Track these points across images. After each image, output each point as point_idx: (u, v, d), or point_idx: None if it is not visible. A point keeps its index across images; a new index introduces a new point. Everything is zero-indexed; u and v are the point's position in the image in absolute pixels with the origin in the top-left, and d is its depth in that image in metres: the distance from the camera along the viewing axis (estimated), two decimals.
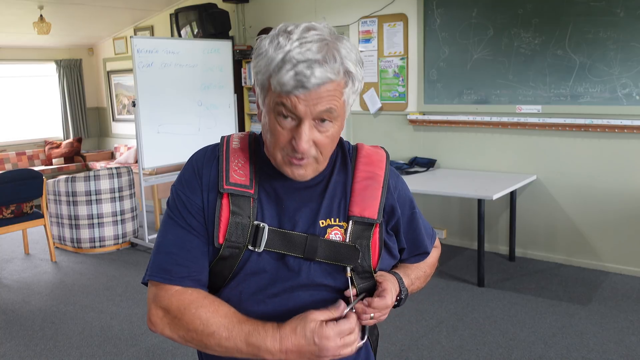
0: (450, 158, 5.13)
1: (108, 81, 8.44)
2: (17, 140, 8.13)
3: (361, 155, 1.21)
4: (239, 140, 1.18)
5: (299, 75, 0.98)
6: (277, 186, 1.13)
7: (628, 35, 4.08)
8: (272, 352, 1.03)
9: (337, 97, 1.03)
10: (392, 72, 5.33)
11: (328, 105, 1.02)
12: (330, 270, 1.13)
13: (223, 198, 1.10)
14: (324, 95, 1.01)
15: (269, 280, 1.11)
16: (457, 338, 3.40)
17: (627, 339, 3.32)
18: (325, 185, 1.16)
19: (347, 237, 1.13)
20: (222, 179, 1.11)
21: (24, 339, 3.58)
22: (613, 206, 4.36)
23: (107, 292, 4.33)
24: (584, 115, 4.35)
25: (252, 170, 1.14)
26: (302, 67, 0.98)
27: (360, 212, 1.14)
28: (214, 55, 5.63)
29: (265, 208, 1.12)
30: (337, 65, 1.01)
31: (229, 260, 1.10)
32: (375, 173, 1.18)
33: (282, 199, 1.13)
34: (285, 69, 0.99)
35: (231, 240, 1.08)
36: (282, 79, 0.99)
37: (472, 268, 4.54)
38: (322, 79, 0.99)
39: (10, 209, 4.86)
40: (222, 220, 1.09)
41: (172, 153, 5.31)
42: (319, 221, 1.13)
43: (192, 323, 1.06)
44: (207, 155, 1.17)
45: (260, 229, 1.09)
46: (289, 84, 0.99)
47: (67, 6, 6.48)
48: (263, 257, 1.11)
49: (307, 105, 1.01)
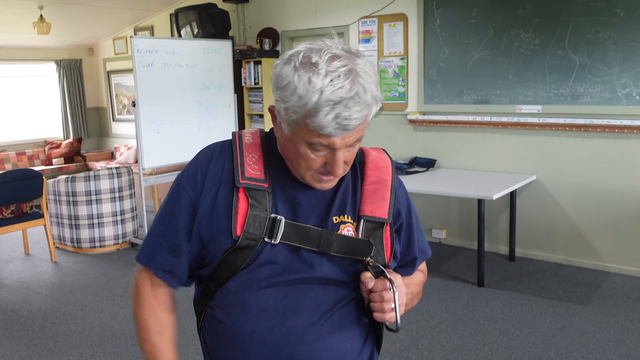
0: (450, 158, 5.13)
1: (108, 81, 8.44)
2: (17, 140, 8.13)
3: (368, 160, 1.25)
4: (251, 136, 1.22)
5: (339, 119, 1.01)
6: (290, 183, 1.16)
7: (628, 35, 4.08)
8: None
9: (366, 122, 1.08)
10: (392, 72, 5.33)
11: (358, 135, 1.07)
12: (342, 267, 1.15)
13: (240, 192, 1.13)
14: (358, 129, 1.06)
15: (280, 270, 1.13)
16: (457, 338, 3.40)
17: (627, 339, 3.32)
18: (337, 184, 1.19)
19: (360, 234, 1.16)
20: (237, 173, 1.14)
21: (24, 339, 3.58)
22: (613, 206, 4.36)
23: (107, 292, 4.33)
24: (584, 115, 4.35)
25: (266, 165, 1.17)
26: (340, 109, 1.01)
27: (372, 212, 1.18)
28: (214, 55, 5.63)
29: (279, 202, 1.15)
30: (368, 97, 1.04)
31: (245, 251, 1.12)
32: (383, 178, 1.23)
33: (295, 195, 1.16)
34: (323, 112, 1.01)
35: (249, 232, 1.11)
36: (322, 122, 1.01)
37: (472, 268, 4.54)
38: (360, 119, 1.03)
39: (10, 209, 4.86)
40: (240, 213, 1.12)
41: (172, 153, 5.31)
42: (332, 217, 1.16)
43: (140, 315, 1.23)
44: (216, 152, 1.20)
45: (277, 222, 1.12)
46: (329, 126, 1.02)
47: (67, 6, 6.48)
48: (278, 249, 1.13)
49: (343, 139, 1.05)
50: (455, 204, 5.14)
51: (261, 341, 1.14)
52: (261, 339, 1.14)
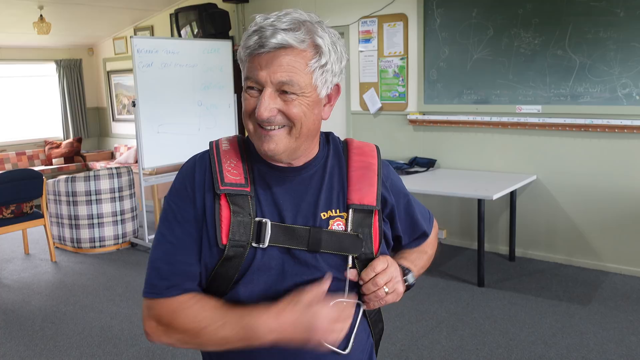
0: (450, 158, 5.13)
1: (108, 81, 8.44)
2: (17, 140, 8.13)
3: (352, 147, 1.23)
4: (228, 143, 1.19)
5: (261, 39, 1.03)
6: (273, 183, 1.14)
7: (628, 35, 4.08)
8: (268, 328, 1.04)
9: (300, 69, 1.05)
10: (392, 72, 5.33)
11: (288, 77, 1.04)
12: (336, 264, 1.13)
13: (221, 199, 1.10)
14: (284, 63, 1.03)
15: (276, 276, 1.11)
16: (457, 338, 3.40)
17: (627, 339, 3.32)
18: (321, 177, 1.16)
19: (349, 227, 1.14)
20: (217, 181, 1.11)
21: (24, 339, 3.58)
22: (613, 206, 4.36)
23: (107, 292, 4.33)
24: (584, 115, 4.35)
25: (245, 169, 1.14)
26: (266, 33, 1.03)
27: (360, 199, 1.15)
28: (214, 55, 5.63)
29: (264, 205, 1.12)
30: (302, 34, 1.04)
31: (234, 260, 1.09)
32: (369, 162, 1.20)
33: (279, 196, 1.13)
34: (252, 36, 1.05)
35: (235, 239, 1.08)
36: (248, 43, 1.05)
37: (472, 268, 4.54)
38: (281, 42, 1.03)
39: (10, 209, 4.86)
40: (223, 221, 1.09)
41: (172, 153, 5.31)
42: (319, 214, 1.13)
43: (183, 324, 1.07)
44: (197, 162, 1.17)
45: (263, 225, 1.09)
46: (251, 46, 1.05)
47: (67, 6, 6.48)
48: (268, 254, 1.10)
49: (268, 73, 1.04)
50: (455, 204, 5.14)
51: (268, 350, 1.12)
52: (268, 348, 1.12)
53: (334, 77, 1.10)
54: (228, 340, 1.06)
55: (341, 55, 1.11)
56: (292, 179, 1.14)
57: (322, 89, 1.09)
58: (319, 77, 1.07)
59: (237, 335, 1.05)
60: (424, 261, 1.33)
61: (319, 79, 1.07)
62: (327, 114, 1.15)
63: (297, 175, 1.15)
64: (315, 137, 1.15)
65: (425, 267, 1.34)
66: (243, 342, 1.06)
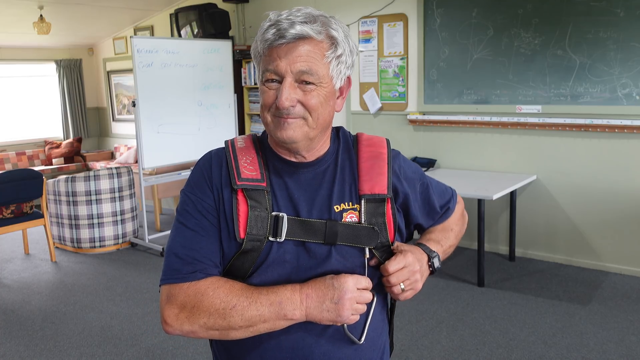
0: (450, 158, 5.13)
1: (108, 81, 8.44)
2: (17, 140, 8.13)
3: (362, 139, 1.26)
4: (243, 140, 1.22)
5: (280, 31, 1.06)
6: (287, 178, 1.16)
7: (628, 35, 4.08)
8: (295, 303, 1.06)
9: (318, 59, 1.07)
10: (392, 72, 5.33)
11: (307, 66, 1.06)
12: (350, 258, 1.14)
13: (238, 194, 1.12)
14: (303, 53, 1.06)
15: (291, 269, 1.12)
16: (457, 338, 3.40)
17: (627, 339, 3.32)
18: (333, 171, 1.18)
19: (362, 218, 1.15)
20: (234, 176, 1.13)
21: (24, 339, 3.58)
22: (613, 206, 4.36)
23: (107, 292, 4.32)
24: (584, 115, 4.35)
25: (261, 165, 1.16)
26: (284, 25, 1.05)
27: (370, 189, 1.17)
28: (214, 55, 5.63)
29: (279, 200, 1.14)
30: (318, 26, 1.07)
31: (251, 254, 1.11)
32: (379, 151, 1.22)
33: (294, 190, 1.15)
34: (269, 30, 1.07)
35: (252, 234, 1.10)
36: (265, 36, 1.07)
37: (472, 268, 4.54)
38: (300, 32, 1.05)
39: (10, 209, 4.86)
40: (241, 215, 1.11)
41: (172, 153, 5.31)
42: (333, 207, 1.15)
43: (212, 305, 1.06)
44: (213, 157, 1.19)
45: (280, 219, 1.11)
46: (270, 39, 1.07)
47: (67, 6, 6.48)
48: (284, 247, 1.12)
49: (288, 63, 1.06)
50: None
51: (278, 345, 1.13)
52: (278, 343, 1.13)
53: (347, 69, 1.14)
54: (257, 318, 1.06)
55: (353, 48, 1.14)
56: (306, 173, 1.17)
57: (337, 80, 1.12)
58: (335, 67, 1.10)
59: (266, 313, 1.06)
60: (451, 240, 1.33)
61: (334, 69, 1.10)
62: (340, 106, 1.18)
63: (310, 170, 1.17)
64: (328, 129, 1.18)
65: (453, 245, 1.34)
66: (272, 322, 1.07)
